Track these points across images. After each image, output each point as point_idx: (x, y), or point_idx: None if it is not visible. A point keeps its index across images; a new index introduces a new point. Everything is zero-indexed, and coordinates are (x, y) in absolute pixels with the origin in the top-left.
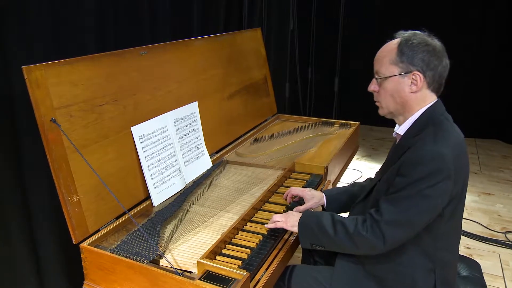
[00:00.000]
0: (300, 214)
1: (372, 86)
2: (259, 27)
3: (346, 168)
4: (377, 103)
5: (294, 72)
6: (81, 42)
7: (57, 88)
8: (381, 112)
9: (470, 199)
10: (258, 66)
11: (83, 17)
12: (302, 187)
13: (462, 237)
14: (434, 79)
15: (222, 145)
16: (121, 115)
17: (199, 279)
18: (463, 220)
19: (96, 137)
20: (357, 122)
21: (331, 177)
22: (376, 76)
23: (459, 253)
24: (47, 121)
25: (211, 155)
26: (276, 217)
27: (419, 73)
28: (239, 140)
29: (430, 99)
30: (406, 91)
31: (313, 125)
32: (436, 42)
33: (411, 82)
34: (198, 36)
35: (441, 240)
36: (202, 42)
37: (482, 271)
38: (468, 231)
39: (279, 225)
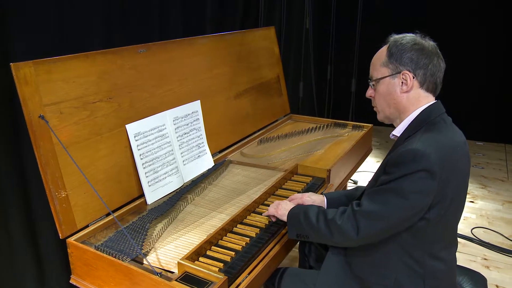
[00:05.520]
0: (293, 205)
1: (369, 92)
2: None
3: (354, 172)
4: (374, 108)
5: (309, 71)
6: (87, 42)
7: (47, 85)
8: (379, 117)
9: (492, 207)
10: (270, 65)
11: (89, 16)
12: (302, 190)
13: (479, 248)
14: (425, 77)
15: (226, 145)
16: (115, 112)
17: (175, 280)
18: (482, 230)
19: (88, 134)
20: (370, 124)
21: (335, 180)
22: (370, 81)
23: (466, 267)
24: (35, 117)
25: (214, 154)
26: (271, 206)
27: (408, 72)
28: (246, 140)
29: (425, 99)
30: (398, 92)
31: (325, 126)
32: (428, 42)
33: (402, 82)
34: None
35: (430, 247)
36: (207, 41)
37: (499, 285)
38: (487, 241)
39: (270, 212)
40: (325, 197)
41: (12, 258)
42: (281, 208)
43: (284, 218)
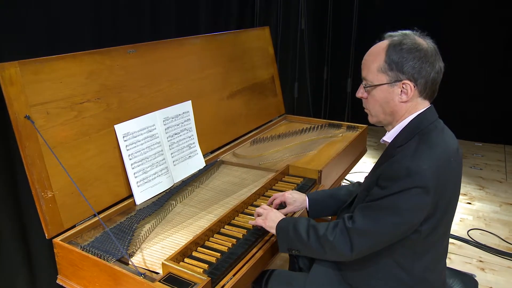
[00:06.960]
0: (281, 216)
1: (360, 93)
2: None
3: (347, 173)
4: (366, 110)
5: (305, 72)
6: (78, 42)
7: (33, 86)
8: (371, 120)
9: (490, 209)
10: (265, 66)
11: (80, 15)
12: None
13: (475, 249)
14: (426, 86)
15: (218, 145)
16: (104, 113)
17: (159, 281)
18: (478, 231)
19: (75, 135)
20: (365, 125)
21: (327, 181)
22: (364, 83)
23: (457, 269)
24: (21, 117)
25: (205, 155)
26: (259, 210)
27: (409, 82)
28: (239, 140)
29: (421, 106)
30: (396, 101)
31: (319, 127)
32: (429, 44)
33: (401, 91)
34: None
35: (420, 258)
36: (199, 41)
37: (493, 287)
38: (483, 243)
39: (258, 222)
40: (307, 197)
41: (2, 258)
42: (269, 220)
43: (273, 231)
